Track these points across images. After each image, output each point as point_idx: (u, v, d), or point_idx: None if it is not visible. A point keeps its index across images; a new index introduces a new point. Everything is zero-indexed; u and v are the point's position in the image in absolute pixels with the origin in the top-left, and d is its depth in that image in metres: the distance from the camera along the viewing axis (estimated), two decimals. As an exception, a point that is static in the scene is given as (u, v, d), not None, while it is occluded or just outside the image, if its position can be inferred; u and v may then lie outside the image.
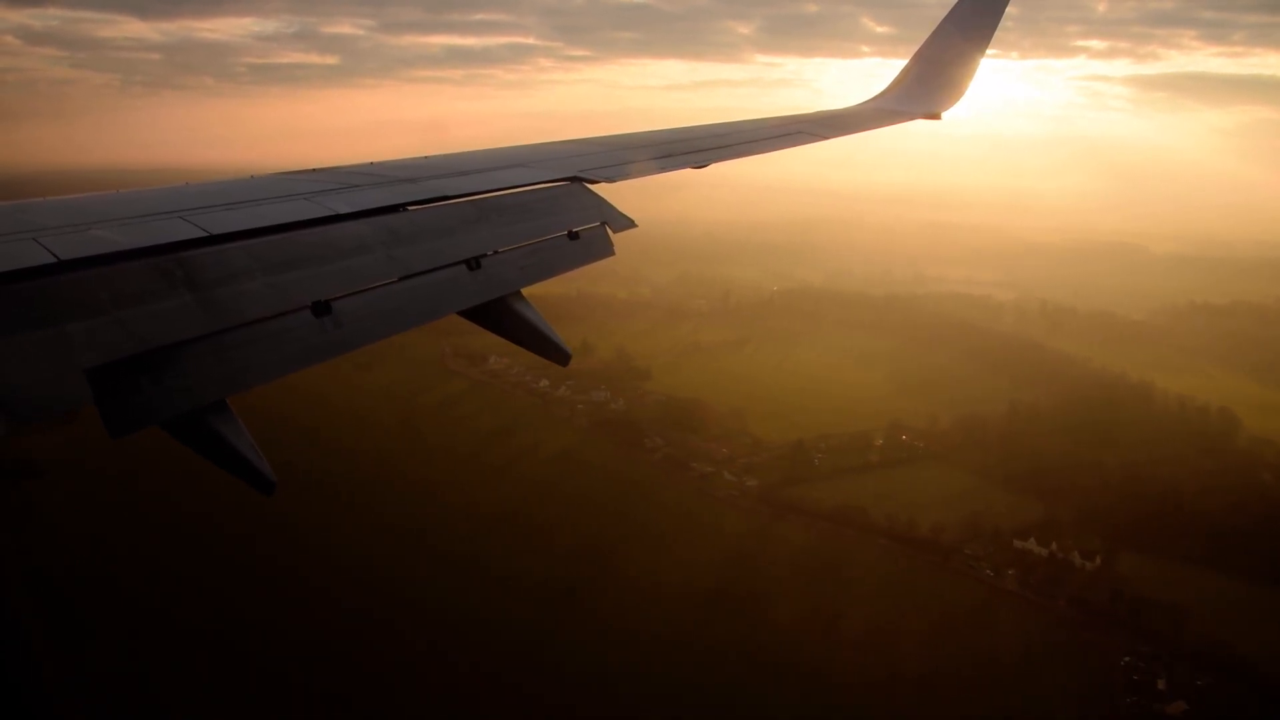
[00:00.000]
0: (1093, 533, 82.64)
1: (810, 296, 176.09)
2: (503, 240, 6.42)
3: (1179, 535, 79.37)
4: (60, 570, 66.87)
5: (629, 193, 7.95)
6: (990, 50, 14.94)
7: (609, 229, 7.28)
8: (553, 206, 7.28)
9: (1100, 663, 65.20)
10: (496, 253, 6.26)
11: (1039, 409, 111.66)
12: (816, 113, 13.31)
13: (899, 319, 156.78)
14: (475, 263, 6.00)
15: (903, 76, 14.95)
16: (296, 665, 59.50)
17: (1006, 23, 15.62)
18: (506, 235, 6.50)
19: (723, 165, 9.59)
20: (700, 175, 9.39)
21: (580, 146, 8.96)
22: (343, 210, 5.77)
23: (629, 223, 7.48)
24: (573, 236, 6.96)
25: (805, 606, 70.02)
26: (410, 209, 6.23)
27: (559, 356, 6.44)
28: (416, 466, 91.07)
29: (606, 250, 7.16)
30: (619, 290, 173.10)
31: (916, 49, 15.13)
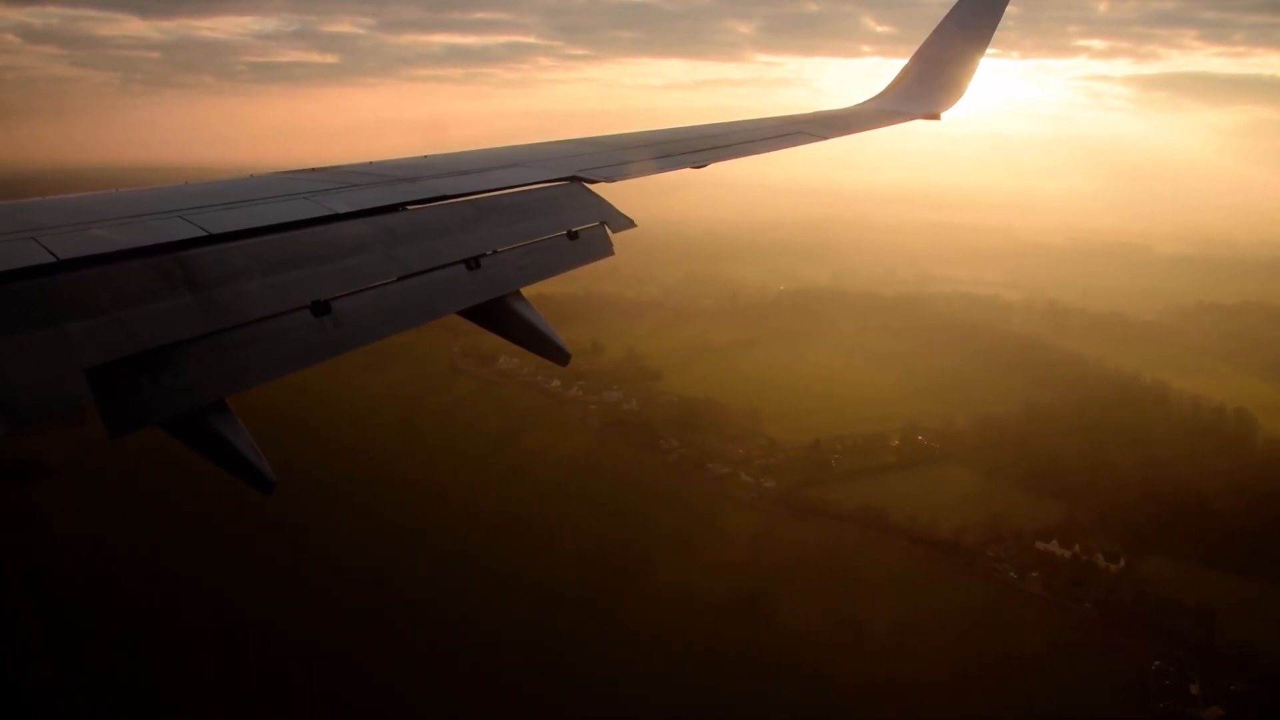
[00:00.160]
0: (1114, 534, 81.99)
1: (817, 296, 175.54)
2: (502, 240, 6.41)
3: (1202, 537, 78.72)
4: (60, 570, 66.42)
5: (628, 192, 7.93)
6: (990, 50, 14.96)
7: (608, 229, 7.26)
8: (552, 206, 7.27)
9: (1130, 666, 64.44)
10: (496, 252, 6.24)
11: (1054, 410, 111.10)
12: (816, 113, 13.26)
13: (908, 319, 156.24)
14: (474, 262, 5.99)
15: (902, 76, 14.97)
16: (296, 665, 59.19)
17: (1007, 22, 15.60)
18: (506, 235, 6.49)
19: (722, 165, 9.59)
20: (700, 175, 9.41)
21: (579, 146, 8.93)
22: (342, 210, 5.76)
23: (628, 222, 7.47)
24: (572, 236, 6.94)
25: (829, 610, 69.21)
26: (409, 209, 6.23)
27: (559, 356, 6.38)
28: (425, 468, 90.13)
29: (606, 250, 7.14)
30: (626, 290, 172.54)
31: (917, 49, 15.16)
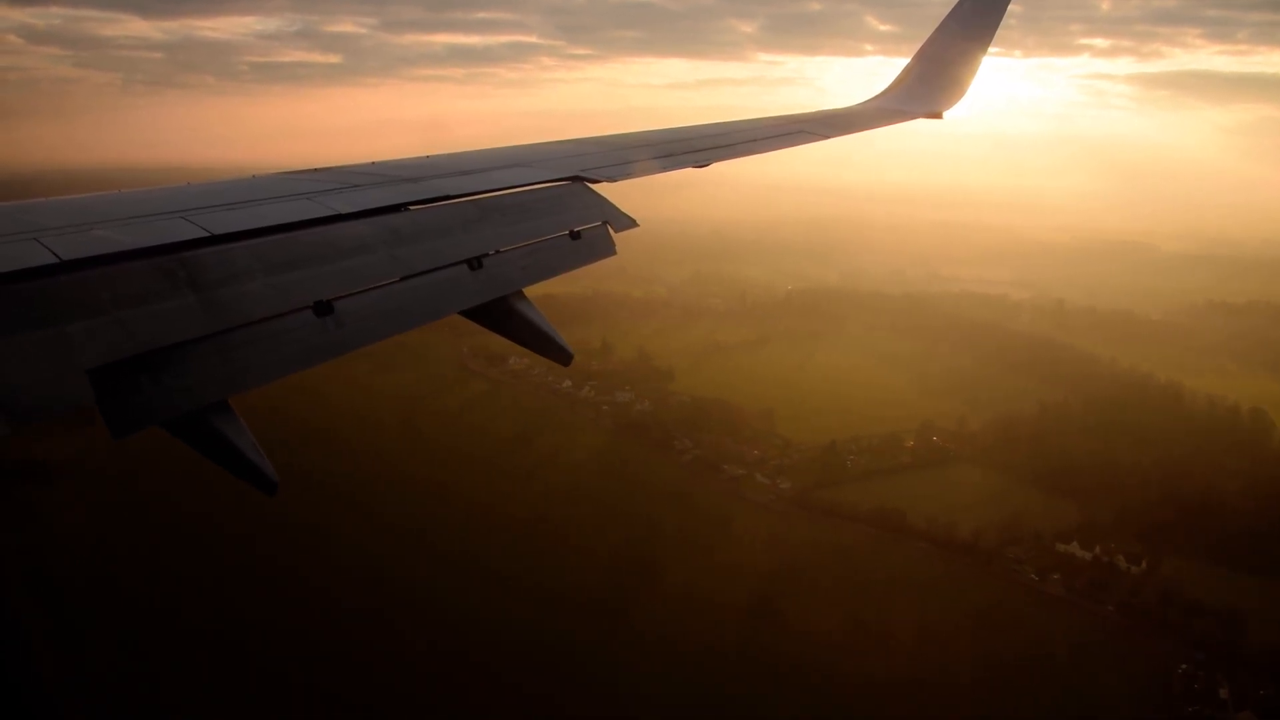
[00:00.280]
0: (1134, 535, 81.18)
1: (826, 296, 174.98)
2: (504, 240, 6.39)
3: (1224, 538, 77.64)
4: (61, 570, 66.13)
5: (631, 192, 7.89)
6: (993, 49, 14.88)
7: (611, 228, 7.22)
8: (554, 206, 7.25)
9: (1156, 669, 63.72)
10: (498, 252, 6.23)
11: (1069, 409, 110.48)
12: (818, 112, 13.19)
13: (917, 318, 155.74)
14: (477, 262, 5.97)
15: (904, 75, 14.90)
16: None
17: (1009, 21, 15.52)
18: (508, 235, 6.48)
19: (725, 164, 9.55)
20: (703, 174, 9.38)
21: (581, 146, 8.90)
22: (344, 210, 5.74)
23: (630, 222, 7.44)
24: (574, 236, 6.92)
25: (850, 612, 68.45)
26: (412, 209, 6.20)
27: (561, 356, 6.33)
28: (436, 470, 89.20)
29: (608, 250, 7.11)
30: (633, 289, 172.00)
31: (919, 48, 15.10)
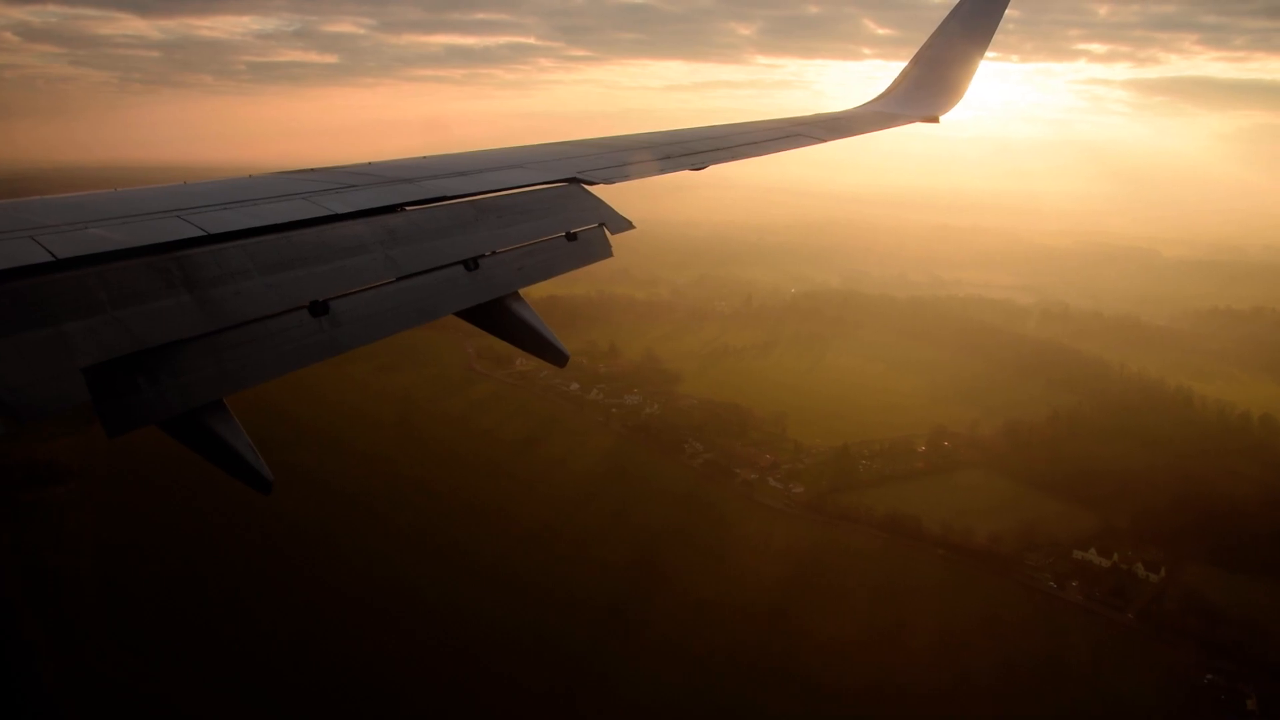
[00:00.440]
0: (1152, 543, 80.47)
1: (831, 299, 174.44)
2: (501, 241, 6.37)
3: (1242, 546, 77.10)
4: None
5: (628, 194, 7.88)
6: (991, 53, 14.99)
7: (607, 230, 7.22)
8: (551, 207, 7.24)
9: (1181, 679, 62.98)
10: (495, 253, 6.21)
11: (1080, 415, 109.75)
12: (815, 115, 13.21)
13: (924, 322, 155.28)
14: (473, 263, 5.96)
15: (901, 79, 14.92)
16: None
17: (1007, 26, 15.62)
18: (505, 236, 6.46)
19: (723, 167, 9.57)
20: (700, 177, 9.38)
21: (579, 148, 8.89)
22: (341, 210, 5.72)
23: (627, 224, 7.43)
24: (571, 238, 6.90)
25: (867, 620, 67.84)
26: (408, 209, 6.16)
27: (556, 358, 6.30)
28: (443, 475, 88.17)
29: (605, 251, 7.10)
30: (637, 292, 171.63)
31: (916, 52, 15.11)
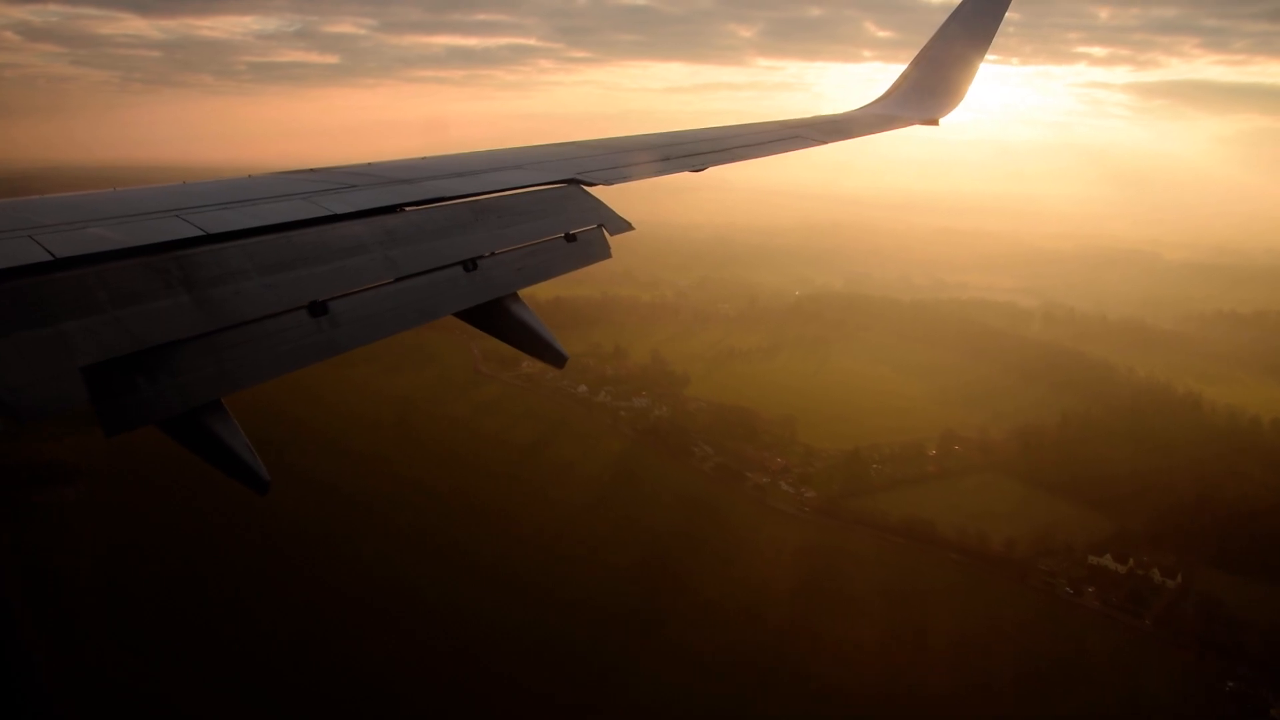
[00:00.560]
0: (1167, 548, 79.66)
1: (835, 302, 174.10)
2: (500, 242, 6.36)
3: (1260, 551, 76.53)
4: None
5: (628, 196, 7.84)
6: (991, 56, 14.85)
7: (606, 231, 7.20)
8: (550, 208, 7.21)
9: (1201, 687, 62.38)
10: (493, 254, 6.20)
11: (1091, 419, 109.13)
12: (814, 117, 13.18)
13: (929, 326, 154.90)
14: (472, 264, 5.94)
15: (901, 81, 14.85)
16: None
17: (1008, 29, 15.50)
18: (503, 237, 6.44)
19: (723, 169, 9.56)
20: (700, 179, 9.37)
21: (578, 149, 8.86)
22: (340, 210, 5.69)
23: (626, 225, 7.40)
24: (570, 239, 6.89)
25: (886, 626, 67.24)
26: (408, 210, 6.15)
27: (555, 359, 6.27)
28: (450, 479, 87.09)
29: (604, 253, 7.08)
30: (641, 294, 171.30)
31: (916, 54, 15.05)
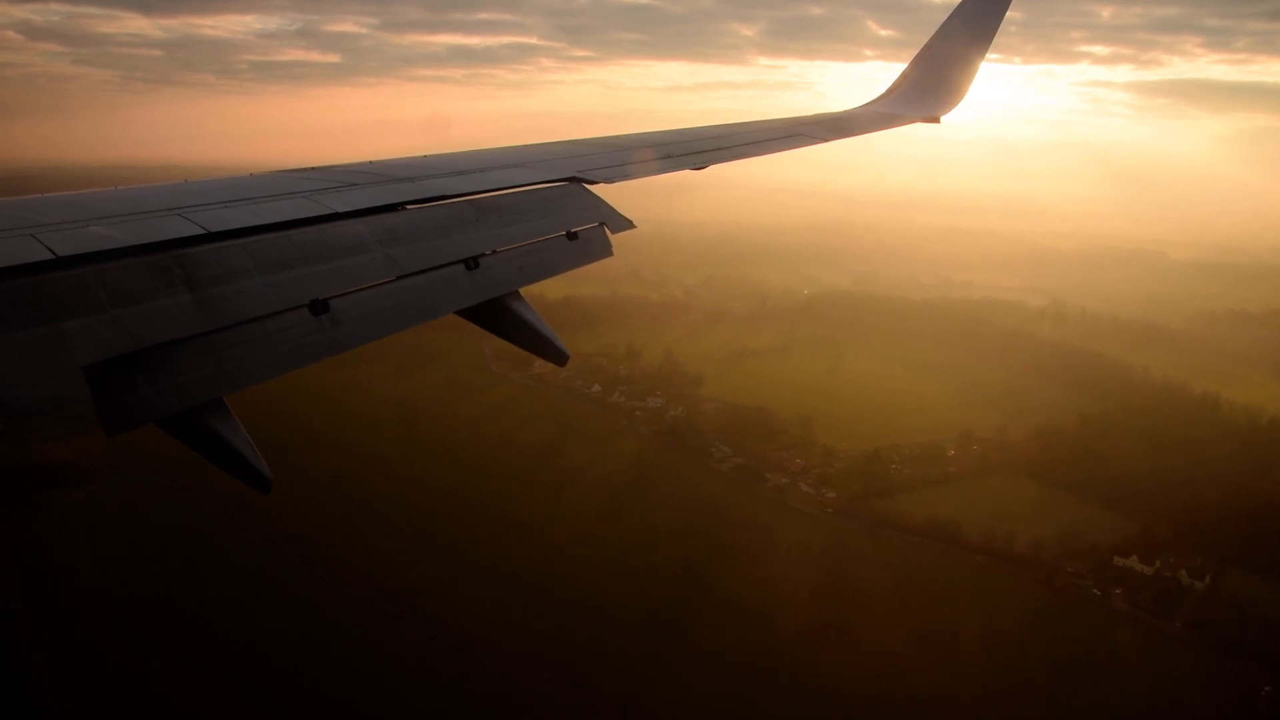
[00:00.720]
0: (1194, 549, 78.64)
1: (844, 301, 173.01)
2: (501, 240, 6.33)
3: (1287, 554, 76.08)
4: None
5: (629, 194, 7.78)
6: (993, 55, 14.90)
7: (607, 230, 7.16)
8: (551, 207, 7.17)
9: (1236, 691, 61.45)
10: (495, 252, 6.17)
11: (1109, 419, 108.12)
12: (816, 115, 13.09)
13: (941, 325, 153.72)
14: (473, 262, 5.93)
15: (902, 80, 14.81)
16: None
17: (1009, 28, 15.38)
18: (505, 235, 6.41)
19: (725, 167, 9.49)
20: (703, 178, 9.37)
21: (579, 147, 8.82)
22: (341, 209, 5.68)
23: (627, 224, 7.36)
24: (571, 237, 6.87)
25: (913, 628, 66.39)
26: (409, 208, 6.12)
27: (557, 357, 6.25)
28: (463, 483, 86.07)
29: (605, 251, 7.05)
30: (650, 293, 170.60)
31: (917, 52, 15.01)
